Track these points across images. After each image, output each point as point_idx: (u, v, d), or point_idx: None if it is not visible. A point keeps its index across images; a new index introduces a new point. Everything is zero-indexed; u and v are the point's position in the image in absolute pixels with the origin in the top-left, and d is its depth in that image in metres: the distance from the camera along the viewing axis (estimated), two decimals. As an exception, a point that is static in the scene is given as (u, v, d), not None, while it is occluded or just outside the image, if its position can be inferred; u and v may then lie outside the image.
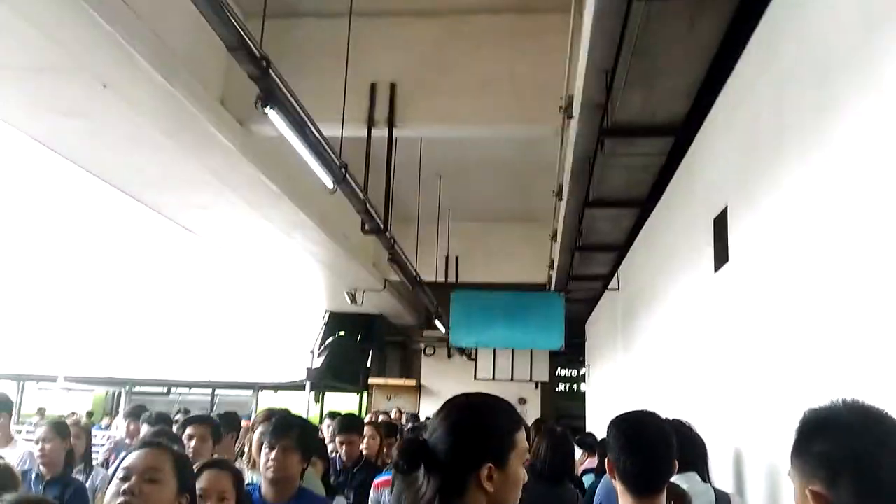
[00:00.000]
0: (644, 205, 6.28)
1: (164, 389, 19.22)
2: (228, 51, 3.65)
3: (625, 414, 2.18)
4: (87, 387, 18.75)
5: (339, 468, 4.67)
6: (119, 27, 3.89)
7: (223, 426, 4.17)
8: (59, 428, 3.82)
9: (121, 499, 1.81)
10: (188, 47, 4.76)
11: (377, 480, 4.43)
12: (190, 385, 18.32)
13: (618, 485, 2.06)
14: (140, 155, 6.09)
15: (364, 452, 4.94)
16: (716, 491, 3.20)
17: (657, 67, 4.06)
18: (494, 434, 1.50)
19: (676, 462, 2.14)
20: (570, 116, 4.82)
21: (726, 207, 4.05)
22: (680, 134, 4.87)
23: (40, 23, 3.89)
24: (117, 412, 15.66)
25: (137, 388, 18.57)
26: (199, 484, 2.31)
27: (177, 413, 5.43)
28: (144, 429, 4.75)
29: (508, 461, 1.47)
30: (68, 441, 3.82)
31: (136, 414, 5.77)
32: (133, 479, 1.85)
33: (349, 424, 4.83)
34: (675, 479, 2.86)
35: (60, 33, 4.00)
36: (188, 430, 3.67)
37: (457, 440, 1.47)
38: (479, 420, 1.53)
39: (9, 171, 8.65)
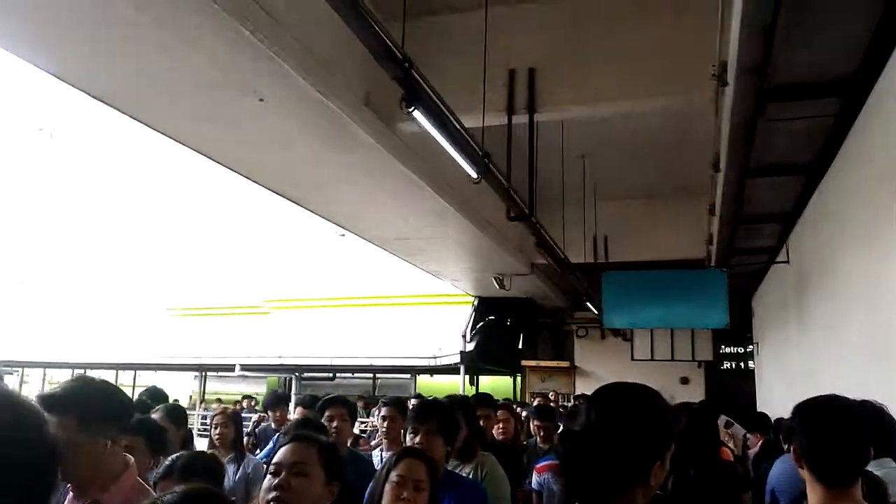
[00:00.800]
0: (811, 171, 5.76)
1: (330, 375, 20.42)
2: (372, 56, 3.73)
3: (813, 399, 2.00)
4: (261, 374, 20.29)
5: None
6: (269, 42, 4.09)
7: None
8: (174, 414, 3.71)
9: (272, 493, 1.89)
10: (332, 53, 4.93)
11: (538, 465, 4.44)
12: (353, 370, 19.29)
13: (806, 475, 1.92)
14: (295, 159, 6.45)
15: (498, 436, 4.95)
16: None
17: (820, 20, 3.68)
18: (666, 431, 1.47)
19: (872, 449, 1.97)
20: (724, 84, 4.49)
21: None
22: (851, 93, 4.40)
23: (202, 45, 4.18)
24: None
25: (306, 375, 19.88)
26: (396, 471, 2.35)
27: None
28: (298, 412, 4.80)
29: (665, 455, 1.44)
30: (183, 429, 3.75)
31: (279, 401, 6.10)
32: (283, 473, 1.93)
33: (483, 400, 4.85)
34: (870, 466, 2.63)
35: (220, 53, 4.28)
36: (327, 412, 3.76)
37: (632, 437, 1.42)
38: (653, 416, 1.47)
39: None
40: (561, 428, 5.75)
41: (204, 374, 21.35)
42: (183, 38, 4.12)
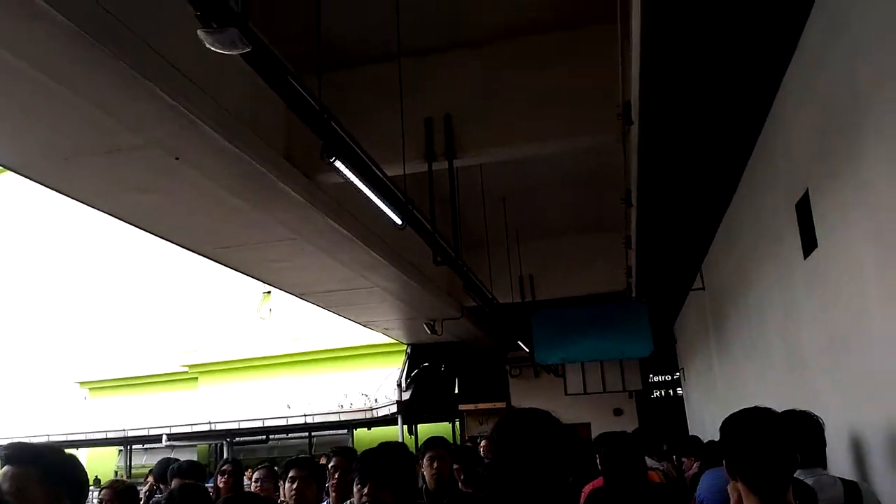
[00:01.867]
0: (718, 199, 6.11)
1: (264, 437, 19.74)
2: (289, 108, 3.77)
3: (737, 413, 2.09)
4: (190, 443, 19.43)
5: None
6: (182, 100, 4.06)
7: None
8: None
9: None
10: (249, 108, 4.94)
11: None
12: (287, 430, 18.73)
13: (741, 486, 1.99)
14: (216, 219, 6.34)
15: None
16: (843, 482, 3.04)
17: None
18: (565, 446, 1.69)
19: (799, 457, 2.08)
20: (629, 123, 4.75)
21: (807, 191, 3.91)
22: (749, 114, 4.73)
23: (109, 106, 4.10)
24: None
25: (238, 439, 19.16)
26: None
27: (224, 463, 5.40)
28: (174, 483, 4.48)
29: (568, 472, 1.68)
30: None
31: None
32: None
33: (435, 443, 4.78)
34: (800, 474, 2.75)
35: (129, 114, 4.21)
36: (291, 473, 3.68)
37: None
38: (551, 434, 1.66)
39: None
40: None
41: (129, 447, 20.26)
42: (89, 98, 4.03)
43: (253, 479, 4.23)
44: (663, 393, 15.15)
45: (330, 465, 3.99)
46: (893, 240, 2.79)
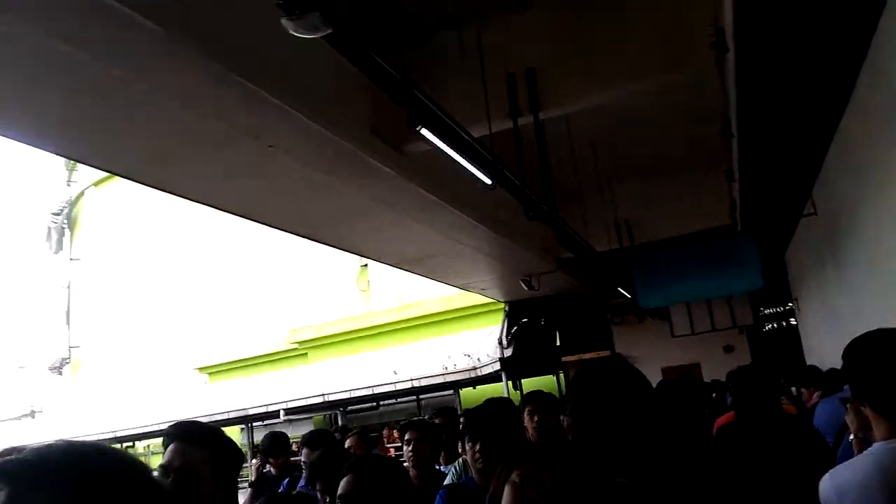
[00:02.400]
0: (826, 121, 5.71)
1: (374, 404, 20.40)
2: (374, 83, 3.76)
3: (863, 336, 1.98)
4: (305, 416, 20.33)
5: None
6: (269, 88, 4.13)
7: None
8: None
9: None
10: (334, 88, 4.97)
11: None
12: (396, 395, 19.26)
13: (869, 412, 1.90)
14: (311, 199, 6.50)
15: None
16: None
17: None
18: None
19: None
20: (723, 51, 4.47)
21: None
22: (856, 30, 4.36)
23: (201, 104, 4.24)
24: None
25: (350, 408, 19.89)
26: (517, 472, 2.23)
27: (335, 430, 5.69)
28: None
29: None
30: None
31: (278, 445, 5.42)
32: None
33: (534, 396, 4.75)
34: None
35: (220, 109, 4.33)
36: (407, 435, 3.81)
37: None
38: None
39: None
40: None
41: (250, 424, 21.40)
42: (180, 99, 4.16)
43: (346, 447, 4.37)
44: (776, 325, 14.57)
45: (404, 439, 4.03)
46: None
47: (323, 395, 18.53)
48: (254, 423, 21.34)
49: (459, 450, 3.93)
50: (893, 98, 4.30)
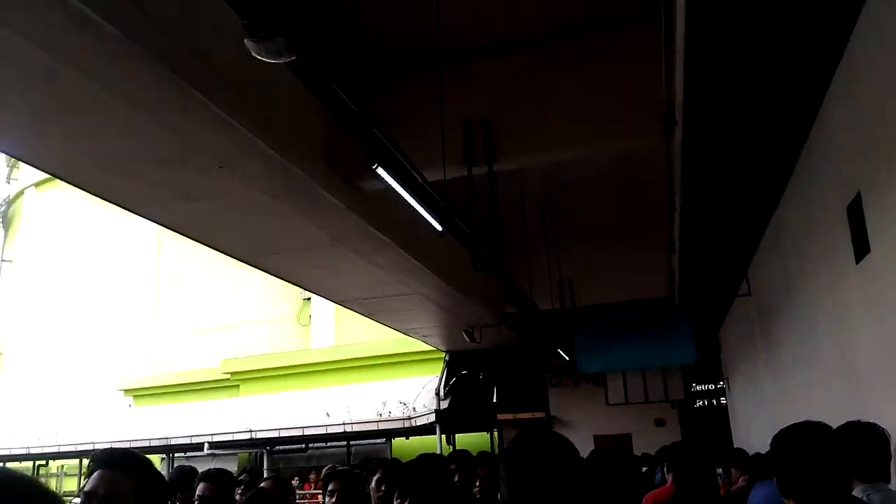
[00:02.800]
0: (767, 204, 5.98)
1: (303, 446, 19.87)
2: (333, 116, 3.80)
3: (789, 428, 2.02)
4: (230, 451, 19.66)
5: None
6: (229, 109, 4.14)
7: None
8: None
9: None
10: (293, 115, 5.00)
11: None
12: (326, 439, 18.82)
13: None
14: (257, 225, 6.44)
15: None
16: None
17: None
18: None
19: (853, 476, 2.10)
20: (672, 123, 4.67)
21: (859, 193, 3.80)
22: (797, 116, 4.62)
23: (155, 115, 4.20)
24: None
25: (277, 448, 19.32)
26: None
27: (241, 473, 5.44)
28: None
29: None
30: None
31: (184, 480, 5.03)
32: None
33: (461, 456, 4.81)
34: (864, 489, 2.63)
35: (179, 123, 4.30)
36: (330, 486, 3.67)
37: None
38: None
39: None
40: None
41: (172, 455, 20.56)
42: (134, 106, 4.11)
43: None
44: (707, 402, 14.84)
45: (374, 479, 3.98)
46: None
47: (251, 430, 17.98)
48: (176, 454, 20.52)
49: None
50: (822, 191, 4.55)
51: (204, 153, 4.74)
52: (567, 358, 11.32)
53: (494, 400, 16.36)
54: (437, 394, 15.15)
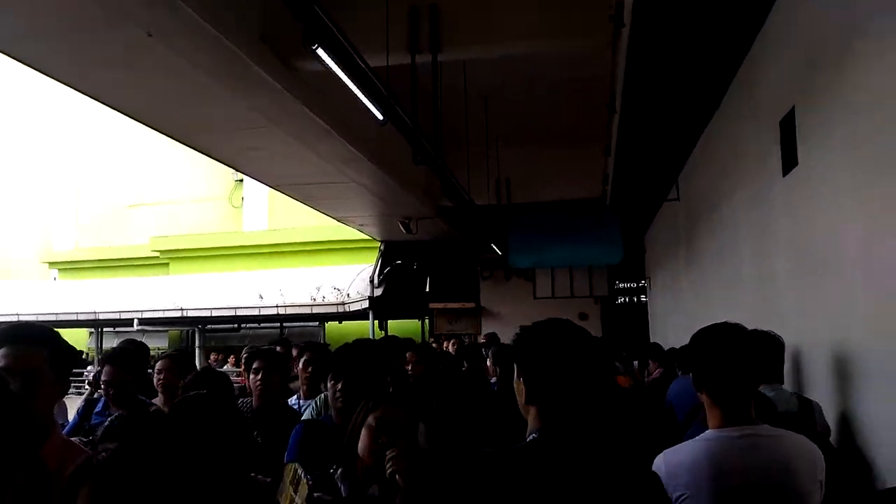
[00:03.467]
0: (702, 111, 6.06)
1: (235, 326, 20.04)
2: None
3: (707, 328, 2.16)
4: (161, 328, 19.64)
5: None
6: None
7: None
8: None
9: None
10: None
11: None
12: (259, 320, 19.00)
13: (705, 400, 2.09)
14: (189, 101, 6.16)
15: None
16: (798, 397, 3.26)
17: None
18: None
19: (761, 373, 2.27)
20: (620, 25, 4.61)
21: (793, 108, 3.89)
22: (740, 30, 4.64)
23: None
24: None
25: (209, 327, 19.43)
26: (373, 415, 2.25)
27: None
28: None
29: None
30: None
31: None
32: None
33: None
34: (761, 388, 2.91)
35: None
36: (254, 364, 3.65)
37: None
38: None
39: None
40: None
41: (100, 330, 20.44)
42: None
43: (156, 370, 3.88)
44: (628, 300, 15.57)
45: (302, 360, 4.04)
46: (872, 164, 2.81)
47: (182, 309, 17.96)
48: (105, 329, 20.39)
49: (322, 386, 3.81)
50: (758, 103, 4.64)
51: (130, 19, 4.44)
52: (500, 253, 11.57)
53: (427, 290, 16.76)
54: (372, 281, 15.38)
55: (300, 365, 4.07)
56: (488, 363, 5.63)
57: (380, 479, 2.10)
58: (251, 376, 3.67)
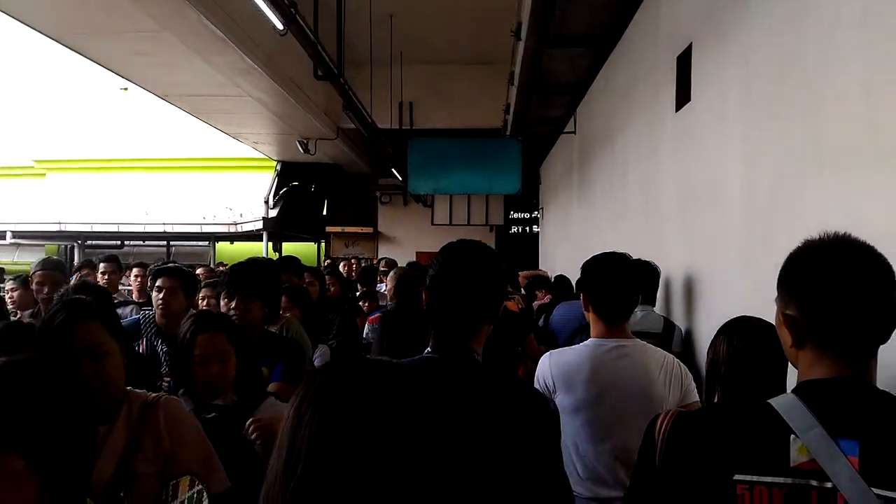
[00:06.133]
0: (603, 44, 6.18)
1: (118, 243, 19.06)
2: None
3: (599, 255, 2.48)
4: (37, 242, 18.42)
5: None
6: None
7: None
8: None
9: None
10: None
11: (371, 317, 5.23)
12: (144, 237, 18.16)
13: (591, 316, 2.41)
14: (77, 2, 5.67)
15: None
16: (665, 319, 3.68)
17: None
18: (503, 277, 1.79)
19: (640, 297, 2.67)
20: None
21: (691, 45, 4.02)
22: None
23: None
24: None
25: (90, 243, 18.38)
26: (196, 350, 2.30)
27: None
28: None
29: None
30: None
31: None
32: None
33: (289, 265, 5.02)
34: (637, 310, 3.36)
35: None
36: (159, 282, 3.53)
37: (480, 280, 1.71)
38: (493, 264, 1.76)
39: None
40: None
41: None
42: None
43: (100, 272, 3.89)
44: (521, 229, 16.04)
45: (156, 285, 3.84)
46: (760, 108, 2.99)
47: (60, 222, 16.86)
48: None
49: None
50: (657, 38, 4.78)
51: None
52: (400, 178, 11.54)
53: (325, 212, 16.53)
54: (266, 202, 14.97)
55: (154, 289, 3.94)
56: (386, 287, 5.72)
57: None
58: (154, 293, 3.53)
